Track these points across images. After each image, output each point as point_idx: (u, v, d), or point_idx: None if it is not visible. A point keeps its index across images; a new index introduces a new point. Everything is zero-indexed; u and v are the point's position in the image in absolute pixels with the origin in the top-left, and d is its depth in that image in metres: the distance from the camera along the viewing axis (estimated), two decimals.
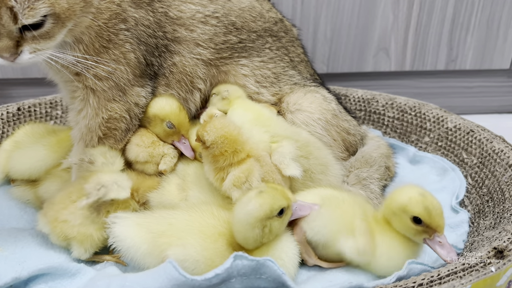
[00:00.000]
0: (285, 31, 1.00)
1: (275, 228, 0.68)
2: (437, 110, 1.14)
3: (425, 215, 0.67)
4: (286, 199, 0.69)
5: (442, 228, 0.68)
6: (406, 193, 0.70)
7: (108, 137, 0.84)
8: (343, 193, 0.77)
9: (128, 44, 0.79)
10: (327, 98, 0.95)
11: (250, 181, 0.73)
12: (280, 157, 0.78)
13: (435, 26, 1.42)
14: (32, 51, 0.69)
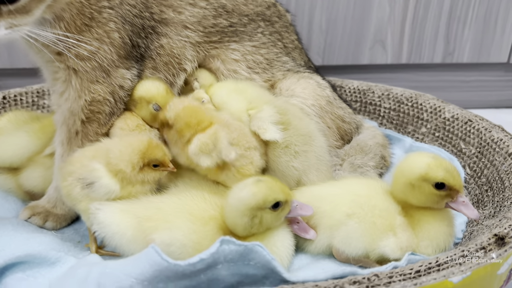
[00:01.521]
0: (278, 16, 0.97)
1: (266, 221, 0.65)
2: (434, 100, 1.11)
3: (449, 178, 0.65)
4: (285, 194, 0.66)
5: (462, 188, 0.67)
6: (421, 161, 0.67)
7: (92, 121, 0.80)
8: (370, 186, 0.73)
9: (112, 23, 0.76)
10: (321, 84, 0.92)
11: (219, 148, 0.70)
12: (258, 121, 0.74)
13: (432, 19, 1.39)
14: (9, 27, 0.65)
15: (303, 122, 0.79)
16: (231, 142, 0.71)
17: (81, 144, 0.81)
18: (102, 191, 0.71)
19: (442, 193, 0.66)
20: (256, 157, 0.74)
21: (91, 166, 0.72)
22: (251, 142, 0.74)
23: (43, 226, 0.82)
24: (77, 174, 0.72)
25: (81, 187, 0.71)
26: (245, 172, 0.72)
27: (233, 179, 0.72)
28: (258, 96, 0.80)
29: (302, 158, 0.75)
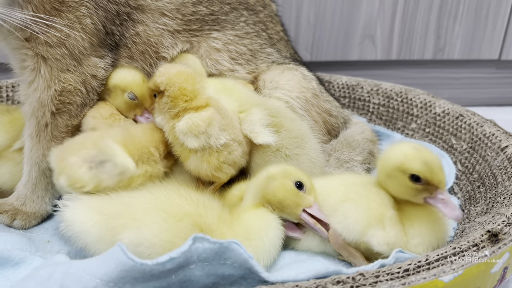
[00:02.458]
0: (263, 6, 0.93)
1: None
2: (424, 95, 1.08)
3: (426, 171, 0.60)
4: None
5: (443, 184, 0.62)
6: (399, 150, 0.63)
7: (62, 112, 0.75)
8: (362, 177, 0.71)
9: (84, 8, 0.71)
10: (306, 76, 0.88)
11: (209, 133, 0.67)
12: (250, 125, 0.71)
13: (422, 13, 1.36)
14: None
15: (296, 123, 0.76)
16: (221, 128, 0.69)
17: (51, 137, 0.77)
18: (116, 171, 0.66)
19: (418, 187, 0.62)
20: (236, 152, 0.71)
21: (103, 143, 0.67)
22: (237, 135, 0.72)
23: (11, 224, 0.77)
24: (84, 153, 0.66)
25: (89, 167, 0.65)
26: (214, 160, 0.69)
27: (199, 164, 0.69)
28: (247, 98, 0.77)
29: (293, 161, 0.72)
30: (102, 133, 0.71)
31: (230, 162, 0.71)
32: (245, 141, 0.73)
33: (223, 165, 0.70)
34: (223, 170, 0.71)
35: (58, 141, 0.77)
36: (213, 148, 0.69)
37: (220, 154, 0.69)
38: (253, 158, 0.74)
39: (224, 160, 0.70)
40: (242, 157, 0.73)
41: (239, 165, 0.74)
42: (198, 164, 0.70)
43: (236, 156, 0.71)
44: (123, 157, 0.67)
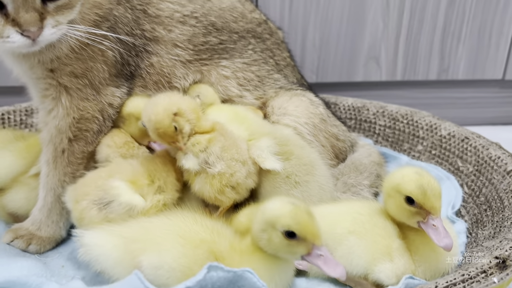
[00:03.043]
0: (269, 33, 0.96)
1: (273, 243, 0.59)
2: (430, 117, 1.09)
3: (418, 194, 0.62)
4: (307, 231, 0.58)
5: (437, 211, 0.63)
6: (400, 172, 0.65)
7: (79, 139, 0.78)
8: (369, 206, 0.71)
9: (107, 41, 0.74)
10: (314, 101, 0.91)
11: (209, 152, 0.69)
12: (257, 150, 0.72)
13: (426, 35, 1.39)
14: (54, 25, 0.65)
15: (305, 151, 0.77)
16: (222, 148, 0.70)
17: (67, 163, 0.79)
18: (122, 209, 0.69)
19: (412, 209, 0.63)
20: (240, 172, 0.72)
21: (107, 184, 0.70)
22: (241, 155, 0.73)
23: (26, 249, 0.79)
24: (93, 195, 0.70)
25: (98, 208, 0.69)
26: (216, 183, 0.70)
27: (202, 186, 0.71)
28: (258, 127, 0.79)
29: (303, 188, 0.73)
30: (111, 169, 0.74)
31: (233, 184, 0.72)
32: (254, 166, 0.74)
33: (226, 189, 0.71)
34: (225, 193, 0.72)
35: (73, 167, 0.79)
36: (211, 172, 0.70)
37: (222, 176, 0.71)
38: (262, 185, 0.75)
39: (226, 183, 0.71)
40: (247, 178, 0.73)
41: (244, 187, 0.74)
42: (202, 186, 0.72)
43: (239, 177, 0.72)
44: (128, 195, 0.70)
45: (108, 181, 0.71)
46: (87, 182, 0.73)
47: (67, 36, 0.68)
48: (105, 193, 0.69)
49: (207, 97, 0.83)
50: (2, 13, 0.61)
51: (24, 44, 0.63)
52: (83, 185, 0.72)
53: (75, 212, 0.71)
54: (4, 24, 0.62)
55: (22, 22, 0.61)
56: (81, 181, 0.74)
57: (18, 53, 0.71)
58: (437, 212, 0.63)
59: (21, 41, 0.63)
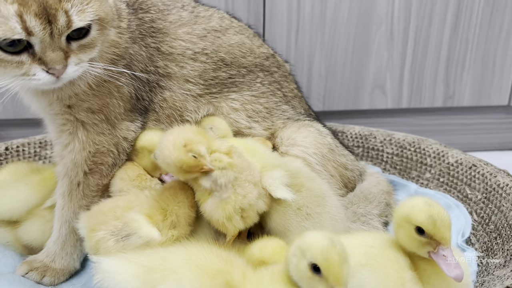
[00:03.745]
0: (277, 66, 0.99)
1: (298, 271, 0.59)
2: (437, 145, 1.11)
3: (429, 225, 0.62)
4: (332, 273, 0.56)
5: (447, 241, 0.63)
6: (410, 202, 0.65)
7: (94, 172, 0.80)
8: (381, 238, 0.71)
9: (124, 78, 0.77)
10: (322, 132, 0.92)
11: (224, 173, 0.70)
12: (269, 179, 0.73)
13: (431, 63, 1.41)
14: (77, 63, 0.68)
15: (316, 183, 0.78)
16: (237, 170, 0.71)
17: (82, 195, 0.81)
18: (141, 242, 0.70)
19: (422, 240, 0.64)
20: (251, 194, 0.72)
21: (127, 217, 0.71)
22: (254, 177, 0.73)
23: (41, 281, 0.81)
24: (111, 226, 0.70)
25: (116, 240, 0.69)
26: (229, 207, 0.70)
27: (214, 209, 0.71)
28: (269, 160, 0.80)
29: (314, 219, 0.73)
30: (130, 200, 0.74)
31: (245, 206, 0.72)
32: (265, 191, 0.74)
33: (235, 216, 0.71)
34: (233, 221, 0.72)
35: (88, 200, 0.81)
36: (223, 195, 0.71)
37: (236, 199, 0.71)
38: (273, 217, 0.75)
39: (239, 206, 0.71)
40: (258, 199, 0.73)
41: (255, 209, 0.74)
42: (213, 209, 0.72)
43: (251, 198, 0.72)
44: (148, 228, 0.70)
45: (127, 213, 0.71)
46: (103, 210, 0.73)
47: (86, 73, 0.71)
48: (125, 226, 0.70)
49: (220, 130, 0.86)
50: (29, 53, 0.64)
51: (49, 81, 0.66)
52: (100, 213, 0.73)
53: (90, 240, 0.71)
54: (31, 63, 0.65)
55: (49, 61, 0.64)
56: (96, 209, 0.74)
57: (38, 89, 0.74)
58: (447, 242, 0.63)
59: (46, 78, 0.66)
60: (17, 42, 0.62)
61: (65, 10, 0.63)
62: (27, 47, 0.64)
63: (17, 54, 0.64)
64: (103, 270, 0.64)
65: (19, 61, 0.64)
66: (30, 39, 0.63)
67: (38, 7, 0.61)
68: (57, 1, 0.62)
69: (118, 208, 0.72)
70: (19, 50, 0.63)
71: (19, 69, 0.64)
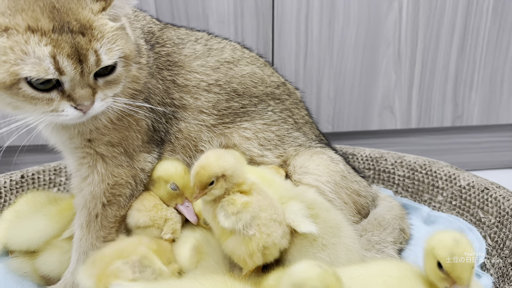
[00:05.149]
0: (288, 94, 1.01)
1: None
2: (448, 167, 1.11)
3: (447, 263, 0.62)
4: None
5: (463, 281, 0.62)
6: (440, 235, 0.65)
7: (112, 203, 0.81)
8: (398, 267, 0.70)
9: (141, 111, 0.79)
10: (334, 159, 0.93)
11: (239, 217, 0.69)
12: (291, 214, 0.73)
13: (439, 84, 1.43)
14: (103, 98, 0.70)
15: (331, 213, 0.78)
16: (260, 208, 0.71)
17: (100, 227, 0.82)
18: (154, 276, 0.71)
19: (441, 274, 0.64)
20: (276, 233, 0.72)
21: (142, 251, 0.73)
22: (278, 215, 0.74)
23: None
24: (128, 258, 0.71)
25: (133, 271, 0.70)
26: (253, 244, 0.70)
27: (237, 246, 0.71)
28: (285, 191, 0.80)
29: (330, 250, 0.74)
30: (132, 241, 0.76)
31: (269, 245, 0.72)
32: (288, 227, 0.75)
33: (257, 253, 0.72)
34: (253, 257, 0.72)
35: (106, 231, 0.82)
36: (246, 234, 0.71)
37: (260, 237, 0.71)
38: (289, 250, 0.75)
39: (263, 244, 0.71)
40: (282, 238, 0.74)
41: (278, 247, 0.74)
42: (236, 246, 0.72)
43: (275, 237, 0.72)
44: (160, 263, 0.73)
45: (139, 248, 0.73)
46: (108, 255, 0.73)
47: (109, 108, 0.74)
48: (143, 258, 0.71)
49: None
50: (59, 90, 0.66)
51: (77, 117, 0.68)
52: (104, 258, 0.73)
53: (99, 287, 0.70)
54: (60, 99, 0.67)
55: (78, 97, 0.67)
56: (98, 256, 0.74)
57: (59, 124, 0.76)
58: (463, 283, 0.63)
59: (74, 114, 0.68)
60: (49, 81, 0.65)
61: (95, 50, 0.65)
62: (57, 85, 0.66)
63: (47, 92, 0.66)
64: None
65: (49, 98, 0.66)
66: (61, 78, 0.65)
67: (70, 48, 0.63)
68: (88, 41, 0.65)
69: (125, 251, 0.73)
70: (49, 88, 0.66)
71: (49, 106, 0.66)
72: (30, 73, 0.62)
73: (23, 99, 0.65)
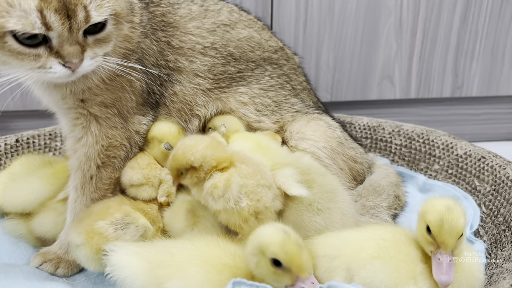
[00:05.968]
0: (286, 59, 0.99)
1: (261, 269, 0.61)
2: (445, 136, 1.11)
3: (435, 227, 0.63)
4: (292, 263, 0.59)
5: (447, 247, 0.64)
6: (434, 201, 0.66)
7: (107, 165, 0.81)
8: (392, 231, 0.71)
9: (135, 72, 0.78)
10: (331, 125, 0.92)
11: (227, 198, 0.69)
12: (282, 177, 0.74)
13: (440, 54, 1.40)
14: (92, 57, 0.68)
15: (327, 178, 0.78)
16: (245, 176, 0.71)
17: (95, 188, 0.82)
18: (138, 232, 0.74)
19: (428, 238, 0.65)
20: (266, 197, 0.73)
21: (125, 209, 0.75)
22: (266, 180, 0.73)
23: (55, 273, 0.82)
24: (111, 217, 0.73)
25: (115, 228, 0.73)
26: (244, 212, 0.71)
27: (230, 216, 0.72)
28: (280, 158, 0.80)
29: (325, 214, 0.74)
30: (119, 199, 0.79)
31: (261, 209, 0.72)
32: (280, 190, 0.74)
33: (250, 218, 0.72)
34: (248, 222, 0.72)
35: (100, 193, 0.82)
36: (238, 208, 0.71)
37: (251, 205, 0.71)
38: (285, 214, 0.75)
39: (254, 210, 0.72)
40: (274, 201, 0.74)
41: (272, 209, 0.74)
42: (230, 216, 0.73)
43: (266, 201, 0.72)
44: (144, 220, 0.75)
45: (124, 206, 0.75)
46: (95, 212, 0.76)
47: (100, 67, 0.72)
48: (125, 216, 0.73)
49: (232, 125, 0.87)
50: (46, 46, 0.65)
51: (65, 75, 0.67)
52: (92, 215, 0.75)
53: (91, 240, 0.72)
54: (47, 56, 0.65)
55: (66, 54, 0.65)
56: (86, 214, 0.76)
57: (51, 83, 0.75)
58: (447, 249, 0.63)
59: (62, 71, 0.66)
60: (35, 36, 0.63)
61: (84, 5, 0.63)
62: (44, 41, 0.64)
63: (34, 47, 0.64)
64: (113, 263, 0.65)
65: (36, 54, 0.64)
66: (48, 34, 0.63)
67: (58, 3, 0.61)
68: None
69: (111, 208, 0.75)
70: (36, 43, 0.64)
71: (36, 62, 0.65)
72: (15, 26, 0.60)
73: (9, 54, 0.64)
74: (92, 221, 0.73)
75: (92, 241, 0.72)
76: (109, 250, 0.67)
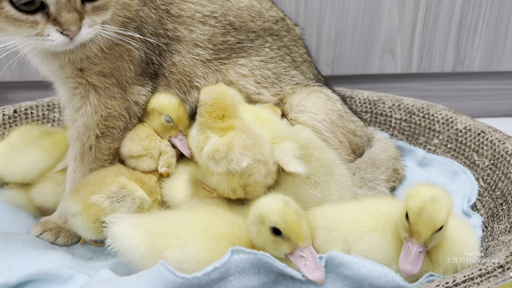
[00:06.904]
0: (286, 30, 0.97)
1: (261, 238, 0.63)
2: (445, 111, 1.10)
3: (413, 214, 0.61)
4: (292, 231, 0.60)
5: (420, 238, 0.61)
6: (422, 187, 0.64)
7: (106, 136, 0.81)
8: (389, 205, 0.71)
9: (134, 41, 0.77)
10: (331, 98, 0.92)
11: (230, 158, 0.69)
12: (281, 152, 0.73)
13: (442, 28, 1.39)
14: (90, 25, 0.67)
15: (325, 152, 0.77)
16: (243, 147, 0.71)
17: (94, 159, 0.82)
18: (135, 204, 0.75)
19: (406, 224, 0.63)
20: (259, 173, 0.72)
21: (121, 181, 0.75)
22: (263, 155, 0.73)
23: (55, 242, 0.82)
24: (107, 191, 0.74)
25: (111, 201, 0.73)
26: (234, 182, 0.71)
27: (220, 183, 0.73)
28: (280, 131, 0.79)
29: (323, 187, 0.74)
30: (116, 169, 0.79)
31: (250, 183, 0.72)
32: (274, 166, 0.74)
33: (238, 189, 0.73)
34: (236, 192, 0.73)
35: (99, 163, 0.82)
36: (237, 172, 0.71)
37: (241, 177, 0.71)
38: (282, 186, 0.75)
39: (244, 183, 0.72)
40: (266, 178, 0.73)
41: (262, 185, 0.74)
42: (220, 182, 0.73)
43: (258, 177, 0.72)
44: (141, 191, 0.76)
45: (120, 177, 0.75)
46: (92, 182, 0.76)
47: (98, 36, 0.71)
48: (121, 188, 0.74)
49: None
50: (44, 13, 0.64)
51: (63, 43, 0.66)
52: (88, 185, 0.76)
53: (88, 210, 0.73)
54: (45, 23, 0.64)
55: (63, 21, 0.64)
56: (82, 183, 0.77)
57: (49, 52, 0.74)
58: (419, 239, 0.62)
59: (60, 39, 0.65)
60: (32, 2, 0.62)
61: None
62: (42, 7, 0.63)
63: (32, 14, 0.63)
64: (114, 234, 0.66)
65: (33, 20, 0.63)
66: (46, 0, 0.62)
67: None
68: None
69: (107, 178, 0.75)
70: (33, 10, 0.63)
71: (33, 29, 0.64)
72: None
73: (6, 21, 0.63)
74: (89, 192, 0.73)
75: (89, 211, 0.73)
76: (109, 222, 0.67)
